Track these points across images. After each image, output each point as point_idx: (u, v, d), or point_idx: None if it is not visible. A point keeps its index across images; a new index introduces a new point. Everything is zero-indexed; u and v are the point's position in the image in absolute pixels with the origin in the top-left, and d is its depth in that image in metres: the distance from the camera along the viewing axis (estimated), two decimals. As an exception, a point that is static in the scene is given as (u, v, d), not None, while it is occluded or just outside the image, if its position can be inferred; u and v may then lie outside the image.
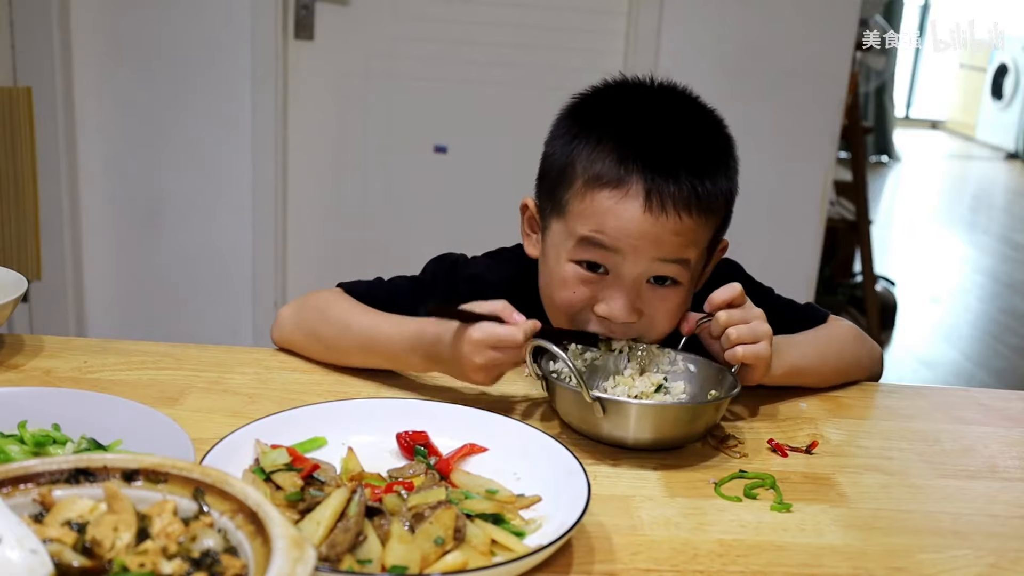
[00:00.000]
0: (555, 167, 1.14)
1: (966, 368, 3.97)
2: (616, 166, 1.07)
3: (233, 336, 3.08)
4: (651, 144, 1.08)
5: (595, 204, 1.08)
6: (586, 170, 1.10)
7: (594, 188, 1.08)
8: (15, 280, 1.20)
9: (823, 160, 3.04)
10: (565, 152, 1.13)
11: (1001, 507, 0.97)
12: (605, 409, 0.99)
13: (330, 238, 3.14)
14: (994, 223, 6.86)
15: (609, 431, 1.01)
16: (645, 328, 1.12)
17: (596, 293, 1.11)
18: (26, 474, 0.65)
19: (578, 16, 2.97)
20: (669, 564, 0.82)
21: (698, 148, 1.11)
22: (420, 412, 1.00)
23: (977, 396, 1.28)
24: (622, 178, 1.07)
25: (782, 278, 3.07)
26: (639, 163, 1.07)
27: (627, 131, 1.10)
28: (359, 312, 1.20)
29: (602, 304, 1.10)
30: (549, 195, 1.16)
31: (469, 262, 1.32)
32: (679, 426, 1.02)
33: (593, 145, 1.10)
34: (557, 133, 1.16)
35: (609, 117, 1.13)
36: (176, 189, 3.00)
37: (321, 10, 2.93)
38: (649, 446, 1.02)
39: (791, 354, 1.15)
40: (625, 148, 1.08)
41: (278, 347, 1.25)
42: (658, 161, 1.07)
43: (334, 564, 0.73)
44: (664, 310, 1.12)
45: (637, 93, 1.16)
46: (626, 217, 1.07)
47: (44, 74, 2.78)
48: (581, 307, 1.13)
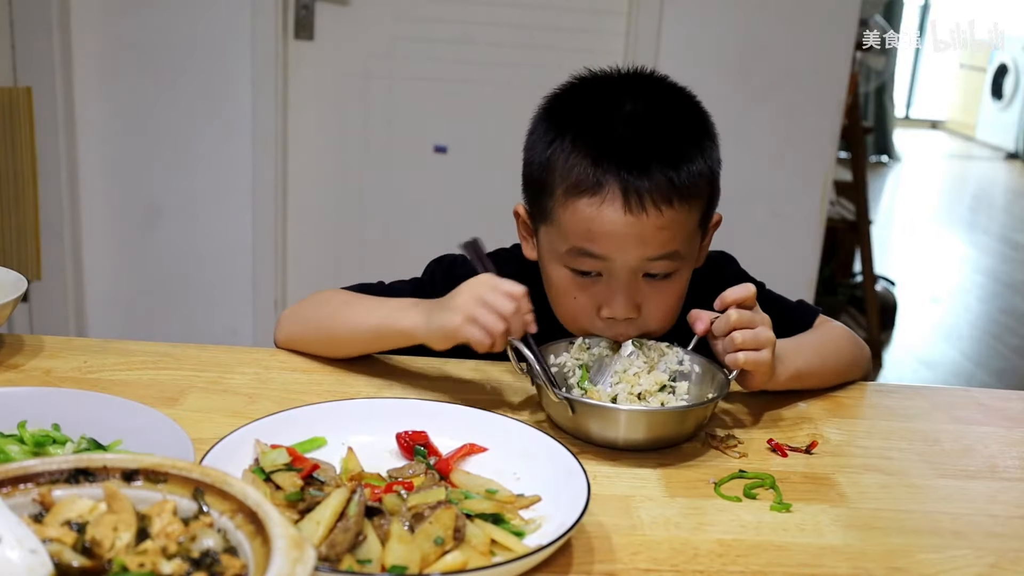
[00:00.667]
0: (535, 175, 1.16)
1: (966, 368, 3.97)
2: (591, 171, 1.08)
3: (233, 336, 3.08)
4: (623, 142, 1.09)
5: (577, 214, 1.10)
6: (564, 178, 1.11)
7: (573, 197, 1.10)
8: (15, 280, 1.20)
9: (823, 160, 3.04)
10: (542, 159, 1.14)
11: (1001, 507, 0.97)
12: (574, 409, 1.00)
13: (330, 238, 3.14)
14: (994, 223, 6.86)
15: (586, 430, 1.02)
16: (648, 320, 1.14)
17: (595, 297, 1.13)
18: (26, 474, 0.65)
19: (578, 16, 2.98)
20: (669, 564, 0.82)
21: (670, 135, 1.12)
22: (420, 412, 1.00)
23: (977, 396, 1.28)
24: (599, 182, 1.08)
25: (782, 278, 3.07)
26: (613, 164, 1.08)
27: (598, 131, 1.11)
28: (358, 296, 1.22)
29: (604, 308, 1.12)
30: (534, 203, 1.18)
31: (467, 262, 1.32)
32: (655, 429, 1.02)
33: (568, 150, 1.11)
34: (535, 139, 1.17)
35: (580, 118, 1.13)
36: (176, 189, 3.00)
37: (321, 10, 2.93)
38: (628, 447, 1.02)
39: (795, 360, 1.15)
40: (598, 151, 1.09)
41: (283, 348, 1.25)
42: (631, 159, 1.08)
43: (334, 564, 0.73)
44: (663, 301, 1.13)
45: (605, 87, 1.17)
46: (608, 222, 1.08)
47: (44, 74, 2.78)
48: (584, 313, 1.14)
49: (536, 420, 1.08)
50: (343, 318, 1.19)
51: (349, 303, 1.21)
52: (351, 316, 1.18)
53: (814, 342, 1.23)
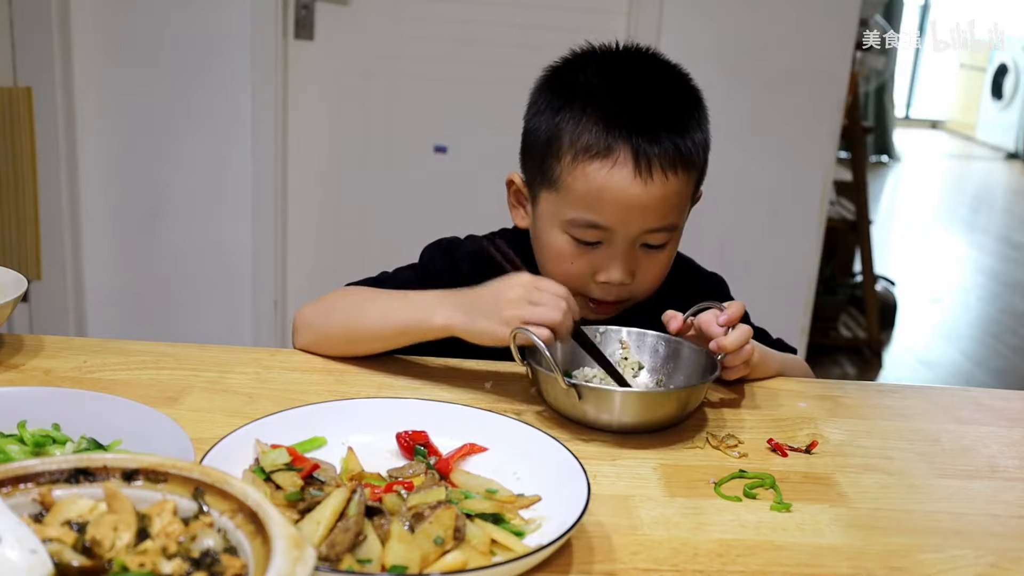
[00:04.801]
0: (540, 141, 1.19)
1: (966, 368, 3.97)
2: (603, 135, 1.13)
3: (233, 335, 3.08)
4: (633, 108, 1.14)
5: (587, 178, 1.14)
6: (574, 142, 1.15)
7: (584, 160, 1.14)
8: (15, 280, 1.20)
9: (823, 160, 3.04)
10: (550, 126, 1.18)
11: (1001, 507, 0.97)
12: (581, 395, 1.03)
13: (330, 238, 3.14)
14: (994, 223, 6.86)
15: (585, 414, 1.05)
16: (638, 285, 1.21)
17: (592, 262, 1.18)
18: (26, 474, 0.65)
19: (578, 16, 2.98)
20: (669, 564, 0.82)
21: (673, 105, 1.18)
22: (420, 412, 1.00)
23: (977, 396, 1.28)
24: (610, 146, 1.13)
25: (782, 278, 3.09)
26: (624, 129, 1.13)
27: (608, 99, 1.15)
28: (376, 293, 1.22)
29: (601, 272, 1.18)
30: (537, 168, 1.20)
31: (464, 241, 1.35)
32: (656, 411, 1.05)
33: (578, 117, 1.15)
34: (538, 107, 1.21)
35: (587, 87, 1.17)
36: (176, 189, 3.00)
37: (321, 10, 2.93)
38: (631, 429, 1.06)
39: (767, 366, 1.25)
40: (610, 116, 1.14)
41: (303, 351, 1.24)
42: (641, 124, 1.13)
43: (334, 564, 0.73)
44: (655, 270, 1.22)
45: (609, 59, 1.21)
46: (618, 187, 1.13)
47: (44, 74, 2.78)
48: (579, 277, 1.19)
49: (536, 420, 1.08)
50: (368, 319, 1.18)
51: (371, 300, 1.20)
52: (375, 316, 1.17)
53: (780, 357, 1.30)
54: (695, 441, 1.06)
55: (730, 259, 2.60)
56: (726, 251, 2.86)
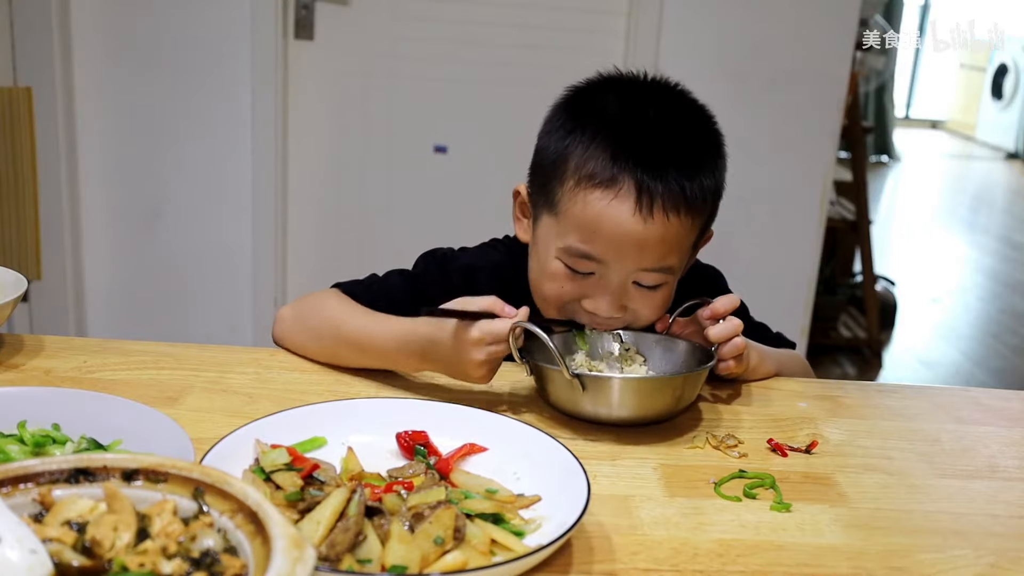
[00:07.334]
0: (548, 161, 1.16)
1: (966, 368, 3.97)
2: (609, 164, 1.10)
3: (233, 335, 3.08)
4: (643, 143, 1.10)
5: (587, 206, 1.10)
6: (579, 168, 1.11)
7: (586, 188, 1.10)
8: (15, 280, 1.20)
9: (823, 160, 3.04)
10: (559, 148, 1.15)
11: (1001, 507, 0.97)
12: (585, 386, 1.03)
13: (330, 238, 3.14)
14: (994, 223, 6.86)
15: (587, 405, 1.05)
16: (630, 321, 1.18)
17: (583, 289, 1.15)
18: (26, 474, 0.65)
19: (578, 16, 2.98)
20: (669, 564, 0.82)
21: (688, 146, 1.14)
22: (420, 412, 1.00)
23: (977, 396, 1.28)
24: (614, 177, 1.09)
25: (782, 278, 3.09)
26: (631, 162, 1.09)
27: (620, 129, 1.12)
28: (351, 313, 1.21)
29: (589, 300, 1.15)
30: (541, 188, 1.18)
31: (458, 254, 1.33)
32: (657, 399, 1.05)
33: (587, 143, 1.12)
34: (552, 127, 1.18)
35: (603, 114, 1.14)
36: (176, 189, 3.00)
37: (321, 10, 2.93)
38: (631, 421, 1.06)
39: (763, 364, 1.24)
40: (618, 147, 1.10)
41: (277, 345, 1.26)
42: (649, 160, 1.09)
43: (334, 564, 0.73)
44: (649, 307, 1.17)
45: (631, 89, 1.18)
46: (617, 220, 1.09)
47: (44, 74, 2.78)
48: (569, 300, 1.17)
49: (536, 420, 1.08)
50: (338, 346, 1.19)
51: (343, 329, 1.19)
52: (346, 348, 1.18)
53: (778, 357, 1.29)
54: (695, 441, 1.06)
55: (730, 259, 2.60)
56: (726, 251, 2.86)
